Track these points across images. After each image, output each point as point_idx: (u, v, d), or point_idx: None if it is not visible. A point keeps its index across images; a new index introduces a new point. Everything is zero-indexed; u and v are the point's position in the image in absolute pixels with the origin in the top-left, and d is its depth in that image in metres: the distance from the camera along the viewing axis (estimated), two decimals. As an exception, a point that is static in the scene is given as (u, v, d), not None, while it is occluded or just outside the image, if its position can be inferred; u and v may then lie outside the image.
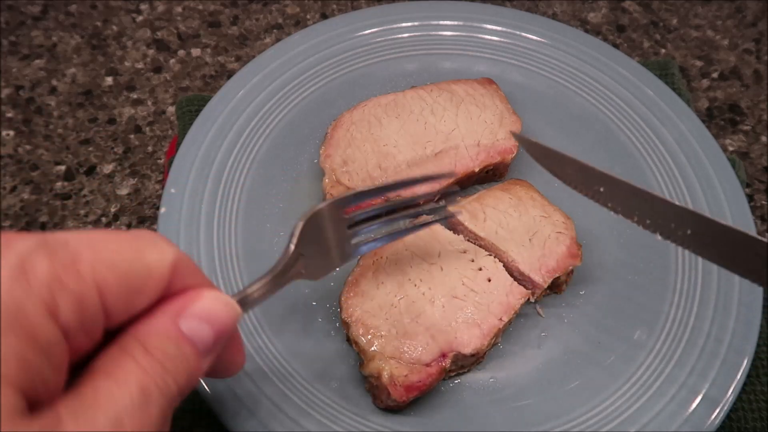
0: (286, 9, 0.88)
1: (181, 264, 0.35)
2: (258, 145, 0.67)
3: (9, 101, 0.78)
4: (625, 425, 0.53)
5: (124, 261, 0.32)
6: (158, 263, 0.33)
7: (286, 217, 0.64)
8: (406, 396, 0.51)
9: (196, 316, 0.34)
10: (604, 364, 0.56)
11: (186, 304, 0.34)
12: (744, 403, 0.56)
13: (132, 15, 0.87)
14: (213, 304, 0.35)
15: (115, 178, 0.73)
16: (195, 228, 0.61)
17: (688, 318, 0.58)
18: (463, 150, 0.64)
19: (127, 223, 0.69)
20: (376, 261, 0.57)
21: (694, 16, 0.89)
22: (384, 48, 0.74)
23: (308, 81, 0.71)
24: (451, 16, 0.76)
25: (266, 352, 0.55)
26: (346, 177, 0.62)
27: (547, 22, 0.76)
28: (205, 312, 0.35)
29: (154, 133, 0.76)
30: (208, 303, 0.35)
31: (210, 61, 0.83)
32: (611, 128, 0.70)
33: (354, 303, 0.54)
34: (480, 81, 0.69)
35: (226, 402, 0.52)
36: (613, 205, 0.50)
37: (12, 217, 0.70)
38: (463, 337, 0.53)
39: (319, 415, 0.52)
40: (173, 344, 0.33)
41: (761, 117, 0.80)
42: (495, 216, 0.60)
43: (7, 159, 0.73)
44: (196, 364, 0.34)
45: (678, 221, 0.47)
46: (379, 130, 0.64)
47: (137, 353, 0.32)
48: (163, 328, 0.33)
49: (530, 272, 0.57)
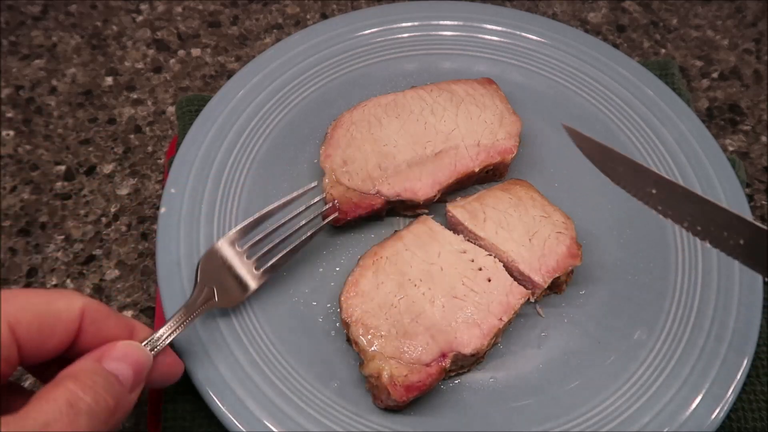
0: (286, 9, 0.88)
1: (92, 309, 0.44)
2: (258, 145, 0.67)
3: (9, 101, 0.78)
4: (625, 425, 0.53)
5: (35, 305, 0.41)
6: (67, 308, 0.42)
7: (286, 217, 0.64)
8: (406, 396, 0.51)
9: (115, 358, 0.43)
10: (604, 364, 0.56)
11: (105, 350, 0.43)
12: (744, 403, 0.56)
13: (132, 15, 0.87)
14: (128, 348, 0.44)
15: (115, 178, 0.73)
16: (195, 228, 0.61)
17: (689, 318, 0.58)
18: (463, 150, 0.64)
19: (127, 223, 0.70)
20: (376, 261, 0.57)
21: (694, 16, 0.89)
22: (384, 48, 0.74)
23: (308, 81, 0.71)
24: (451, 16, 0.75)
25: (266, 352, 0.55)
26: (346, 177, 0.62)
27: (547, 22, 0.76)
28: (122, 354, 0.44)
29: (154, 133, 0.76)
30: (123, 347, 0.44)
31: (210, 61, 0.83)
32: (611, 128, 0.70)
33: (354, 303, 0.54)
34: (480, 81, 0.69)
35: (226, 402, 0.52)
36: (664, 208, 0.48)
37: (12, 217, 0.70)
38: (463, 337, 0.53)
39: (319, 415, 0.53)
40: (100, 374, 0.41)
41: (761, 117, 0.80)
42: (495, 216, 0.60)
43: (7, 159, 0.73)
44: (122, 391, 0.42)
45: (731, 230, 0.44)
46: (379, 130, 0.64)
47: (67, 381, 0.39)
48: (89, 365, 0.42)
49: (530, 272, 0.57)
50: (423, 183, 0.62)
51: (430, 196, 0.62)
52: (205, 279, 0.53)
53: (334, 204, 0.60)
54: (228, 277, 0.55)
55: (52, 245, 0.68)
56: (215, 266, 0.55)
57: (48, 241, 0.68)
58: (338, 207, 0.60)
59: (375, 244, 0.59)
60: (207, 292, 0.53)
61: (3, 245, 0.68)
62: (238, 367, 0.54)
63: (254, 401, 0.52)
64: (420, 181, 0.62)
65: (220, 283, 0.54)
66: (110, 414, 0.40)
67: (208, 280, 0.53)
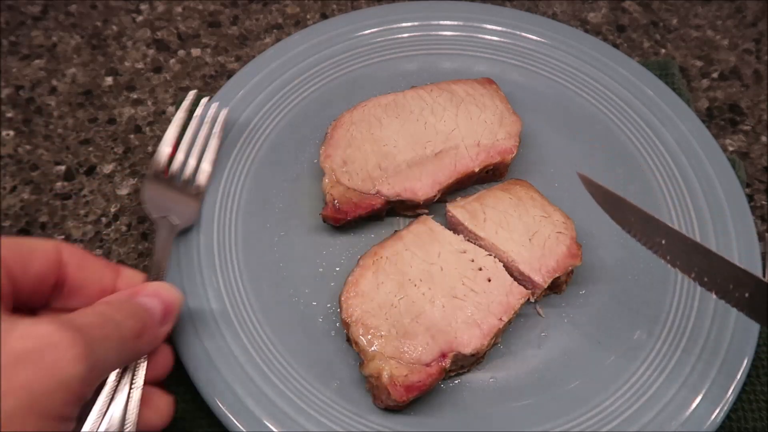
0: (286, 9, 0.88)
1: (68, 248, 0.48)
2: (258, 145, 0.67)
3: (9, 101, 0.78)
4: (625, 425, 0.53)
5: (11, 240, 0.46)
6: (42, 243, 0.47)
7: (286, 217, 0.64)
8: (406, 396, 0.51)
9: (145, 294, 0.48)
10: (604, 364, 0.56)
11: (137, 289, 0.49)
12: (744, 403, 0.56)
13: (132, 15, 0.87)
14: (158, 286, 0.50)
15: (115, 178, 0.73)
16: (195, 228, 0.61)
17: (688, 318, 0.58)
18: (463, 150, 0.64)
19: (127, 223, 0.70)
20: (376, 261, 0.57)
21: (694, 16, 0.89)
22: (384, 48, 0.74)
23: (308, 81, 0.71)
24: (451, 16, 0.75)
25: (266, 352, 0.55)
26: (346, 177, 0.62)
27: (547, 22, 0.76)
28: (152, 291, 0.49)
29: (154, 133, 0.76)
30: (154, 286, 0.50)
31: (210, 61, 0.83)
32: (611, 128, 0.70)
33: (354, 303, 0.54)
34: (480, 81, 0.69)
35: (226, 402, 0.52)
36: (672, 258, 0.49)
37: (12, 217, 0.70)
38: (463, 337, 0.53)
39: (319, 415, 0.53)
40: (129, 302, 0.47)
41: (761, 117, 0.80)
42: (495, 216, 0.60)
43: (7, 159, 0.73)
44: (150, 320, 0.47)
45: (737, 283, 0.46)
46: (379, 130, 0.64)
47: (100, 304, 0.45)
48: (121, 296, 0.48)
49: (530, 272, 0.57)
50: (423, 183, 0.62)
51: (430, 196, 0.62)
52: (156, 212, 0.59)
53: (334, 204, 0.60)
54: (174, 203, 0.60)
55: (52, 245, 0.68)
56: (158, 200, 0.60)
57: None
58: (338, 207, 0.60)
59: (375, 244, 0.59)
60: (163, 222, 0.58)
61: (3, 245, 0.68)
62: (238, 367, 0.54)
63: (254, 401, 0.52)
64: (420, 181, 0.62)
65: (169, 210, 0.59)
66: (136, 336, 0.45)
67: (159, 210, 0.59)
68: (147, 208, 0.59)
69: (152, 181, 0.60)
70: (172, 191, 0.60)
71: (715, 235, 0.62)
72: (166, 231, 0.57)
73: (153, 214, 0.59)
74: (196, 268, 0.59)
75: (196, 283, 0.58)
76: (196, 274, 0.58)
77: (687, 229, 0.63)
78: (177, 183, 0.61)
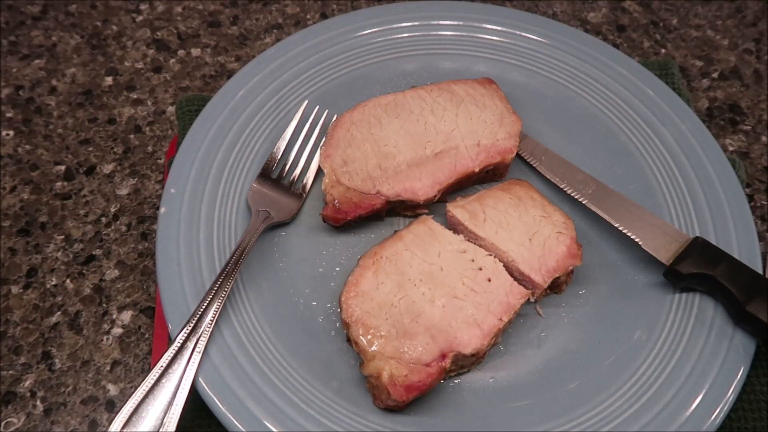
0: (286, 9, 0.88)
1: None
2: (258, 145, 0.67)
3: (9, 101, 0.78)
4: (625, 425, 0.53)
5: None
6: None
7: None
8: (406, 396, 0.51)
9: None
10: (604, 364, 0.56)
11: None
12: (744, 403, 0.56)
13: (132, 15, 0.87)
14: None
15: (115, 178, 0.73)
16: (195, 228, 0.61)
17: (688, 318, 0.58)
18: (463, 150, 0.64)
19: (127, 223, 0.70)
20: (376, 261, 0.57)
21: (694, 16, 0.89)
22: (384, 48, 0.74)
23: (308, 81, 0.71)
24: (450, 16, 0.75)
25: (266, 352, 0.55)
26: (346, 177, 0.62)
27: (547, 22, 0.76)
28: None
29: (154, 133, 0.76)
30: None
31: (210, 61, 0.83)
32: (611, 128, 0.70)
33: (354, 303, 0.54)
34: (480, 81, 0.69)
35: (226, 402, 0.52)
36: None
37: (12, 217, 0.70)
38: (463, 337, 0.53)
39: (319, 415, 0.52)
40: None
41: (761, 117, 0.80)
42: (495, 216, 0.60)
43: (7, 159, 0.73)
44: None
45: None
46: (379, 130, 0.64)
47: None
48: None
49: (530, 272, 0.57)
50: (423, 183, 0.62)
51: (430, 196, 0.62)
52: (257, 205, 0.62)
53: (334, 204, 0.60)
54: (276, 200, 0.63)
55: (52, 245, 0.68)
56: (261, 196, 0.63)
57: (48, 241, 0.68)
58: (338, 207, 0.60)
59: (375, 244, 0.59)
60: (262, 214, 0.61)
61: (3, 245, 0.68)
62: (238, 367, 0.54)
63: (254, 401, 0.52)
64: (420, 181, 0.62)
65: (270, 205, 0.62)
66: None
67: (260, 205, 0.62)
68: (250, 202, 0.62)
69: (259, 179, 0.64)
70: (277, 190, 0.64)
71: (716, 235, 0.62)
72: (260, 222, 0.60)
73: (254, 207, 0.62)
74: (197, 268, 0.58)
75: (196, 283, 0.58)
76: (196, 275, 0.58)
77: (687, 229, 0.63)
78: (284, 182, 0.65)
